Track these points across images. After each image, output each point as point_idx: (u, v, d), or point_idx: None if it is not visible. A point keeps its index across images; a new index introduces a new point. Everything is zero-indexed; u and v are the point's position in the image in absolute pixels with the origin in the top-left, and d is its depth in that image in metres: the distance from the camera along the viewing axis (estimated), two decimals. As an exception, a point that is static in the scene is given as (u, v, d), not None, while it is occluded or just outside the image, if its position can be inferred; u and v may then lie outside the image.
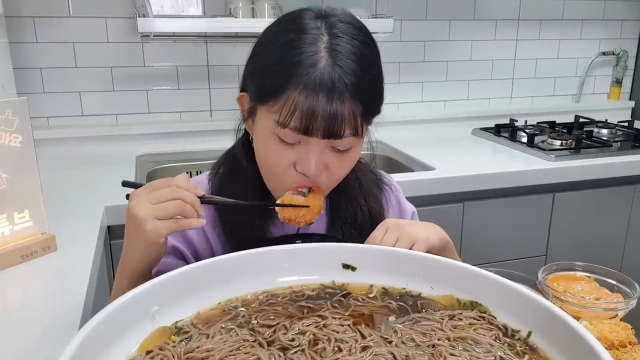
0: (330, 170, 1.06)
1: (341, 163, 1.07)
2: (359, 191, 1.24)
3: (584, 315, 1.07)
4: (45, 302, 1.23)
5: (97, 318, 0.71)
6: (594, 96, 3.49)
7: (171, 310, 0.83)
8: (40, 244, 1.43)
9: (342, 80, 0.98)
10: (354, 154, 1.08)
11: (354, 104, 0.99)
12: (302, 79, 0.97)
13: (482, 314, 0.86)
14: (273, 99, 1.00)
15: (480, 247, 2.32)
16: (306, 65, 0.98)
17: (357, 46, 1.02)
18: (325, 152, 1.04)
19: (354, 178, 1.23)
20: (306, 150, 1.02)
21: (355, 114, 1.00)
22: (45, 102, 2.51)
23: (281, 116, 0.99)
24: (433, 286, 0.92)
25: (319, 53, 0.99)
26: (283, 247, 0.96)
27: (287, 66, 0.99)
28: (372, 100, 1.04)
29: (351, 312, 0.87)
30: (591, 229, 2.49)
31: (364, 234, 1.15)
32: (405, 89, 3.06)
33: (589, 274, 1.20)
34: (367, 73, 1.02)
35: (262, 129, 1.06)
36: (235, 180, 1.20)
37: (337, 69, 0.98)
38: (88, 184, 2.02)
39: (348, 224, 1.21)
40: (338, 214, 1.22)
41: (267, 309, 0.87)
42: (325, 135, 0.99)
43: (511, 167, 2.32)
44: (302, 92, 0.97)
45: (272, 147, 1.04)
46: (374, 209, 1.24)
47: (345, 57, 0.99)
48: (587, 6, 3.28)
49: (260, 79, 1.06)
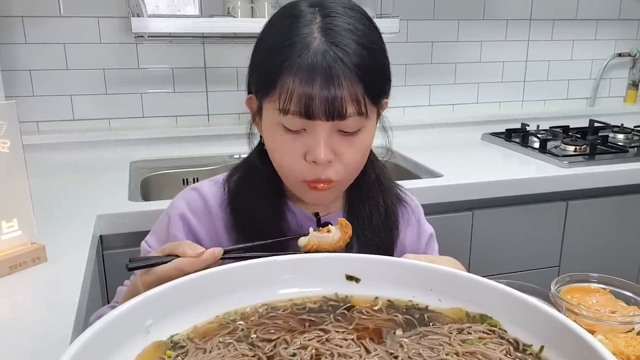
0: (340, 157, 1.07)
1: (351, 148, 1.08)
2: (378, 189, 1.25)
3: (599, 329, 1.07)
4: (35, 315, 1.23)
5: (89, 332, 0.71)
6: (610, 99, 3.50)
7: (166, 323, 0.82)
8: (30, 255, 1.43)
9: (337, 56, 1.00)
10: (364, 138, 1.09)
11: (353, 80, 1.01)
12: (296, 60, 1.00)
13: (492, 327, 0.85)
14: (272, 87, 1.03)
15: (490, 257, 2.32)
16: (299, 47, 1.00)
17: (351, 23, 1.04)
18: (333, 137, 1.05)
19: (374, 177, 1.25)
20: (313, 137, 1.04)
21: (356, 89, 1.02)
22: (35, 105, 2.52)
23: (281, 102, 1.02)
24: (441, 298, 0.92)
25: (312, 34, 1.02)
26: (284, 257, 0.95)
27: (281, 51, 1.02)
28: (373, 76, 1.05)
29: (355, 325, 0.87)
30: (606, 239, 2.49)
31: (377, 236, 1.17)
32: (411, 92, 3.07)
33: (604, 285, 1.20)
34: (364, 48, 1.03)
35: (268, 123, 1.08)
36: (251, 183, 1.22)
37: (332, 47, 1.00)
38: (79, 192, 2.02)
39: (363, 224, 1.22)
40: (354, 212, 1.23)
41: (267, 323, 0.87)
42: (328, 116, 1.01)
43: (522, 174, 2.32)
44: (297, 74, 1.00)
45: (279, 138, 1.06)
46: (391, 211, 1.25)
47: (339, 34, 1.02)
48: (602, 5, 3.29)
49: (259, 71, 1.09)
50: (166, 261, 0.95)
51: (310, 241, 1.03)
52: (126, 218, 1.82)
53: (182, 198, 1.25)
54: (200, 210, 1.22)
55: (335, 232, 1.05)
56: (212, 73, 2.72)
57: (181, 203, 1.24)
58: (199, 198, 1.24)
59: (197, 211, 1.22)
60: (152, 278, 0.95)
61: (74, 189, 2.05)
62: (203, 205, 1.23)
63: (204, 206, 1.23)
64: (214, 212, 1.22)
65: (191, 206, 1.23)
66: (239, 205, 1.21)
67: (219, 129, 2.68)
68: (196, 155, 2.57)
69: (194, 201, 1.23)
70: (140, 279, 0.98)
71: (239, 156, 2.51)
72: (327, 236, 1.04)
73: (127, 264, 0.96)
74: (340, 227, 1.05)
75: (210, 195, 1.23)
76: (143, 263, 0.97)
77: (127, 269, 0.97)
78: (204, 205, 1.23)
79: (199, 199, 1.24)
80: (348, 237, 1.04)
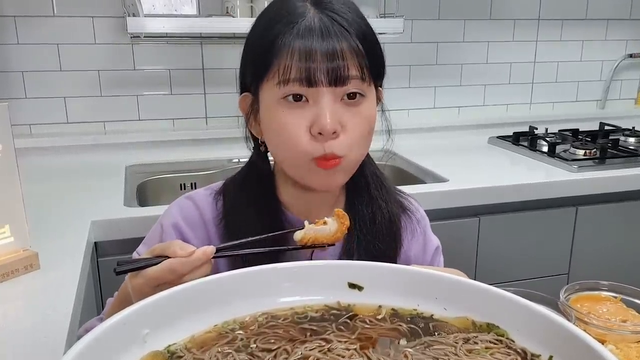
0: (346, 128, 1.08)
1: (356, 117, 1.09)
2: (380, 193, 1.25)
3: (610, 339, 1.07)
4: (27, 324, 1.23)
5: (83, 342, 0.71)
6: (620, 102, 3.50)
7: (163, 333, 0.83)
8: (22, 262, 1.43)
9: (334, 19, 1.05)
10: (366, 108, 1.11)
11: (352, 41, 1.05)
12: (291, 31, 1.04)
13: (500, 337, 0.85)
14: (269, 63, 1.06)
15: (497, 265, 2.32)
16: (294, 19, 1.05)
17: (345, 2, 1.10)
18: (338, 108, 1.07)
19: (376, 179, 1.26)
20: (316, 107, 1.06)
21: (357, 50, 1.06)
22: (28, 108, 2.53)
23: (280, 74, 1.04)
24: (446, 307, 0.92)
25: (306, 6, 1.07)
26: (284, 265, 0.96)
27: (274, 27, 1.06)
28: (370, 44, 1.09)
29: (358, 335, 0.87)
30: (617, 246, 2.49)
31: (379, 240, 1.17)
32: (416, 94, 3.07)
33: (615, 294, 1.20)
34: (358, 17, 1.09)
35: (268, 107, 1.10)
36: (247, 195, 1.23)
37: (327, 12, 1.06)
38: (74, 197, 2.02)
39: (366, 227, 1.22)
40: (356, 214, 1.23)
41: (267, 332, 0.87)
42: (331, 80, 1.04)
43: (530, 179, 2.32)
44: (295, 42, 1.04)
45: (282, 115, 1.07)
46: (395, 216, 1.26)
47: (332, 3, 1.07)
48: (613, 4, 3.29)
49: (253, 57, 1.13)
50: (156, 262, 0.94)
51: (306, 234, 1.02)
52: (122, 224, 1.82)
53: (176, 207, 1.25)
54: (194, 221, 1.23)
55: (332, 224, 1.03)
56: (210, 74, 2.72)
57: (175, 212, 1.24)
58: (194, 207, 1.24)
59: (191, 221, 1.22)
60: (142, 280, 0.94)
61: (68, 194, 2.06)
62: (198, 215, 1.23)
63: (198, 216, 1.23)
64: (209, 222, 1.22)
65: (185, 216, 1.23)
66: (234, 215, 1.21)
67: (218, 132, 2.68)
68: (194, 160, 2.57)
69: (189, 211, 1.24)
70: (130, 282, 0.96)
71: (238, 160, 2.51)
72: (323, 228, 1.03)
73: (115, 268, 0.95)
74: (337, 218, 1.04)
75: (205, 204, 1.24)
76: (132, 266, 0.95)
77: (116, 273, 0.96)
78: (198, 215, 1.23)
79: (193, 209, 1.24)
80: (345, 228, 1.03)
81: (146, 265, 0.94)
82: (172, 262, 0.93)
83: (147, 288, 0.93)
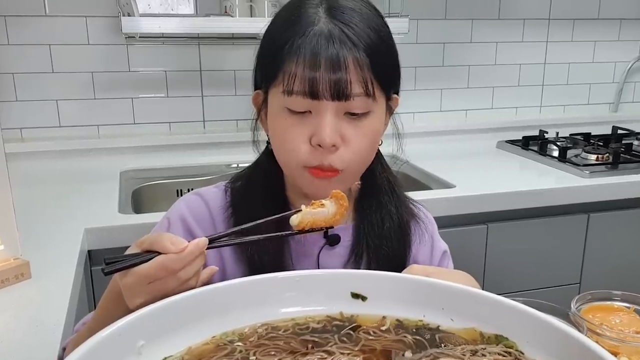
0: (347, 142, 1.10)
1: (358, 132, 1.10)
2: (390, 198, 1.27)
3: (623, 351, 1.07)
4: (18, 335, 1.23)
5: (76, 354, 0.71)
6: (634, 105, 3.50)
7: (159, 344, 0.83)
8: (13, 271, 1.43)
9: (343, 33, 1.06)
10: (372, 123, 1.12)
11: (359, 55, 1.06)
12: (300, 40, 1.06)
13: (509, 349, 0.86)
14: (277, 70, 1.08)
15: (505, 273, 2.31)
16: (303, 28, 1.06)
17: (358, 7, 1.11)
18: (340, 121, 1.09)
19: (387, 184, 1.28)
20: (318, 119, 1.08)
21: (362, 66, 1.06)
22: (19, 111, 2.53)
23: (285, 84, 1.06)
24: (453, 318, 0.92)
25: (317, 14, 1.08)
26: (285, 274, 0.96)
27: (284, 33, 1.08)
28: (380, 57, 1.10)
29: (361, 347, 0.87)
30: (631, 254, 2.49)
31: (389, 246, 1.20)
32: (422, 97, 3.07)
33: (629, 304, 1.20)
34: (371, 29, 1.09)
35: (273, 111, 1.13)
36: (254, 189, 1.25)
37: (337, 25, 1.06)
38: (66, 204, 2.03)
39: (374, 232, 1.24)
40: (365, 219, 1.25)
41: (267, 344, 0.87)
42: (334, 95, 1.05)
43: (541, 185, 2.32)
44: (301, 53, 1.05)
45: (284, 122, 1.10)
46: (404, 223, 1.28)
47: (345, 14, 1.08)
48: (626, 3, 3.30)
49: (264, 58, 1.15)
50: (146, 259, 0.91)
51: (303, 218, 0.99)
52: (116, 232, 1.82)
53: (184, 202, 1.27)
54: (202, 216, 1.24)
55: (330, 205, 1.01)
56: (208, 76, 2.72)
57: (182, 207, 1.25)
58: (202, 203, 1.25)
59: (199, 216, 1.24)
60: (132, 279, 0.92)
61: (60, 201, 2.06)
62: (206, 210, 1.25)
63: (206, 211, 1.24)
64: (216, 218, 1.24)
65: (193, 211, 1.24)
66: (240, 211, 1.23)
67: (216, 136, 2.68)
68: (191, 165, 2.58)
69: (197, 206, 1.25)
70: (120, 280, 0.95)
71: (237, 165, 2.51)
72: (321, 211, 1.00)
73: (103, 268, 0.94)
74: (335, 199, 1.02)
75: (213, 200, 1.25)
76: (121, 265, 0.93)
77: (104, 274, 0.94)
78: (206, 211, 1.25)
79: (201, 204, 1.25)
80: (344, 209, 1.02)
81: (136, 263, 0.92)
82: (164, 259, 0.90)
83: (138, 286, 0.91)
